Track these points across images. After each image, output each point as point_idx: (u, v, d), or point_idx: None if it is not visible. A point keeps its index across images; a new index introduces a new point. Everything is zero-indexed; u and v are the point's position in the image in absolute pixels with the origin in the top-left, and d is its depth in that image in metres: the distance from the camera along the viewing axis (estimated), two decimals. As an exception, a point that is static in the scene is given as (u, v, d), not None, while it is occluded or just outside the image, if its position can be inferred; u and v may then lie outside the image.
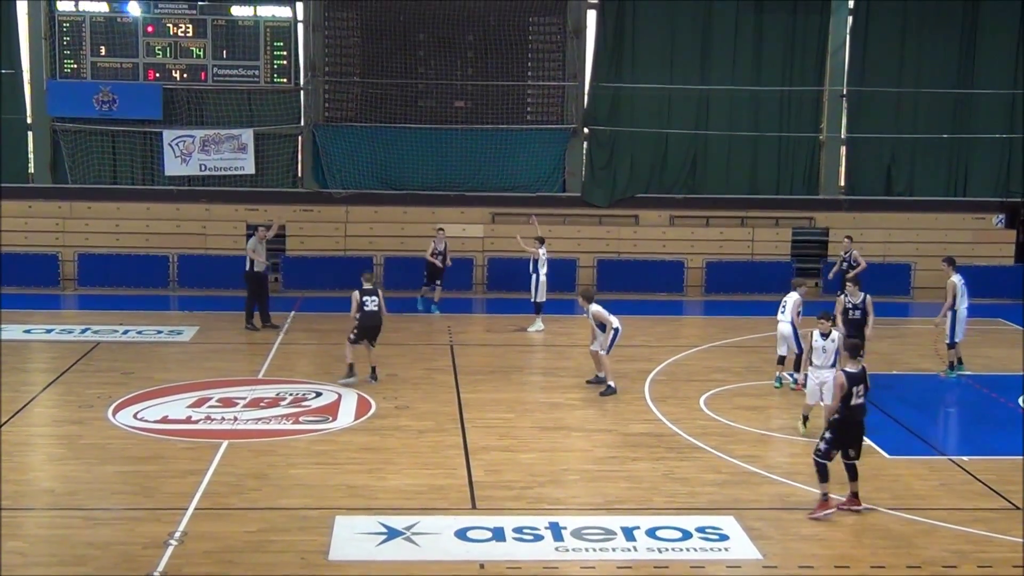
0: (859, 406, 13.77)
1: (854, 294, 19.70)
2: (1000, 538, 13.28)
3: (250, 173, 29.61)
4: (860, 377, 13.77)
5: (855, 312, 19.56)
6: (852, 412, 13.73)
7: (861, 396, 13.75)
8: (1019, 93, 30.41)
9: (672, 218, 30.42)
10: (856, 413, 13.76)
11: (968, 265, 25.31)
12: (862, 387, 13.76)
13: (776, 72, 30.13)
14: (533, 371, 20.97)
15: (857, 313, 19.56)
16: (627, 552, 12.65)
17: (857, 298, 19.64)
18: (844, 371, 13.89)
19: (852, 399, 13.68)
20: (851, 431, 13.79)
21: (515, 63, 29.89)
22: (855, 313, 19.56)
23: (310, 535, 12.88)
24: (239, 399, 18.39)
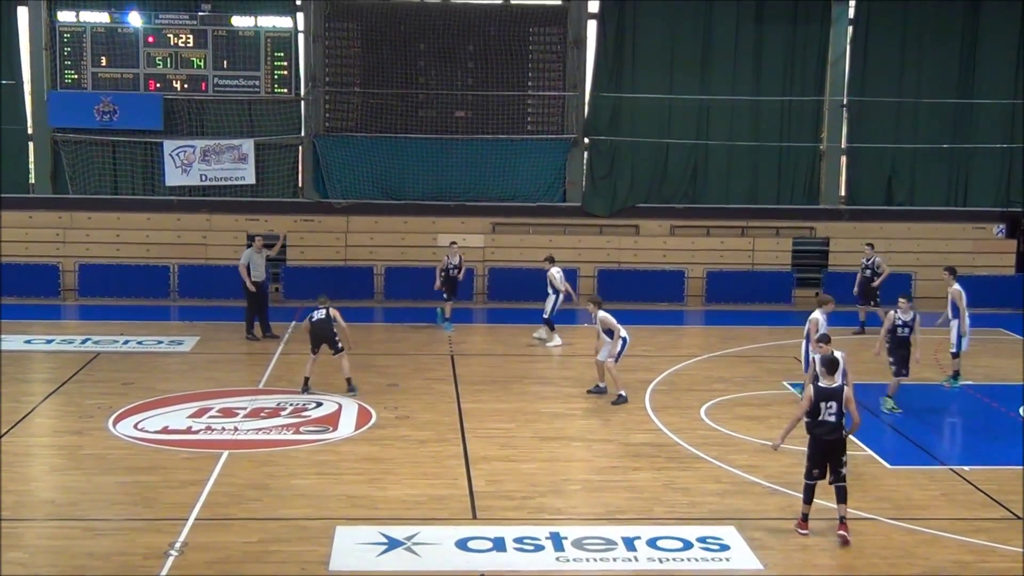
0: (826, 423, 13.24)
1: (905, 310, 18.88)
2: (1002, 548, 13.27)
3: (251, 183, 29.64)
4: (831, 394, 13.27)
5: (904, 330, 18.87)
6: (818, 428, 13.29)
7: (832, 414, 13.24)
8: (1019, 103, 30.44)
9: (673, 228, 30.42)
10: (822, 430, 13.27)
11: (968, 275, 25.30)
12: (834, 404, 13.22)
13: (776, 82, 30.16)
14: (534, 381, 20.95)
15: (906, 331, 18.86)
16: (628, 562, 12.63)
17: (908, 315, 18.85)
18: (815, 385, 13.52)
19: (820, 415, 13.26)
20: (817, 447, 13.35)
21: (515, 73, 29.92)
22: (904, 331, 18.87)
23: (310, 545, 12.86)
24: (239, 409, 18.38)
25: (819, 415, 13.30)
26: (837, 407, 13.27)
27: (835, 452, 13.36)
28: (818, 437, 13.35)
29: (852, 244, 30.23)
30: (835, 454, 13.37)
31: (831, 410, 13.27)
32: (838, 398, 13.28)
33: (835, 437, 13.31)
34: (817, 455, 13.40)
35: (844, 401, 13.30)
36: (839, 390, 13.35)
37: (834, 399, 13.28)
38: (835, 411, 13.27)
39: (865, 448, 17.02)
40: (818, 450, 13.39)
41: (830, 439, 13.31)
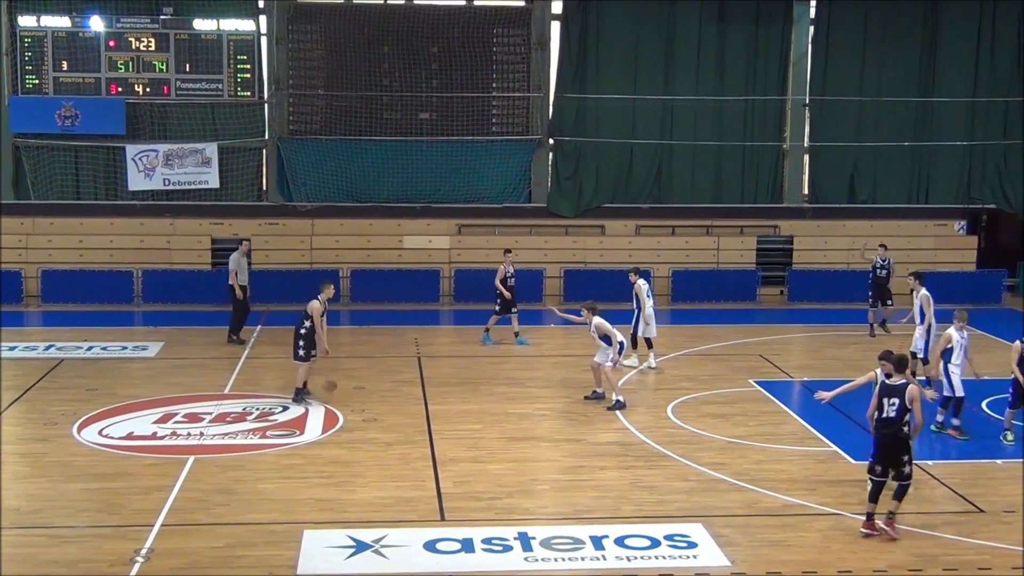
0: (886, 419, 13.42)
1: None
2: (966, 541, 13.39)
3: (214, 187, 29.50)
4: (895, 391, 13.41)
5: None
6: (880, 424, 13.52)
7: (895, 411, 13.36)
8: (979, 101, 30.76)
9: (638, 228, 30.53)
10: (881, 425, 13.48)
11: (931, 271, 25.50)
12: (897, 401, 13.33)
13: (739, 82, 30.33)
14: (501, 382, 20.96)
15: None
16: (596, 561, 12.67)
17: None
18: (881, 381, 13.73)
19: (883, 411, 13.45)
20: (879, 444, 13.56)
21: (480, 75, 29.95)
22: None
23: (278, 549, 12.82)
24: (205, 414, 18.30)
25: (882, 412, 13.49)
26: (900, 404, 13.37)
27: (895, 450, 13.48)
28: (880, 433, 13.55)
29: (815, 242, 30.48)
30: (896, 452, 13.49)
31: (893, 407, 13.40)
32: (901, 395, 13.40)
33: (892, 433, 13.44)
34: (879, 451, 13.58)
35: (908, 400, 13.37)
36: (903, 387, 13.46)
37: (897, 396, 13.41)
38: (897, 408, 13.37)
39: (830, 444, 17.16)
40: (880, 446, 13.57)
41: (888, 434, 13.48)
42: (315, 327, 18.89)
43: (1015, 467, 16.22)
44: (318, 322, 18.94)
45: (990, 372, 21.92)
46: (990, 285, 29.92)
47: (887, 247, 25.76)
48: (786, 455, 16.71)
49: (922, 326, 20.61)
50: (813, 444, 17.23)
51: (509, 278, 23.98)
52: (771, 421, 18.48)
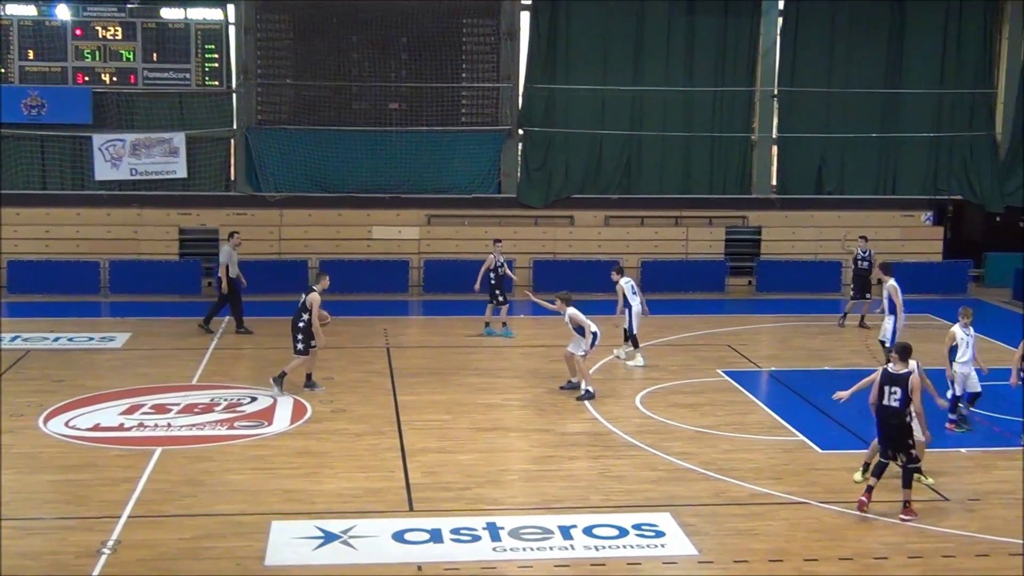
0: (889, 408, 13.66)
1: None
2: (930, 529, 13.51)
3: (182, 177, 29.35)
4: (896, 379, 13.66)
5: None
6: (881, 412, 13.78)
7: (897, 400, 13.60)
8: (946, 93, 30.96)
9: (607, 218, 30.59)
10: (886, 414, 13.72)
11: (897, 262, 25.66)
12: (899, 390, 13.58)
13: (708, 73, 30.41)
14: (470, 372, 20.97)
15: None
16: (564, 551, 12.70)
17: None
18: (883, 369, 13.95)
19: (885, 399, 13.69)
20: (881, 430, 13.85)
21: (449, 65, 29.89)
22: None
23: (246, 541, 12.79)
24: (172, 405, 18.22)
25: (883, 399, 13.72)
26: (902, 393, 13.59)
27: (901, 437, 13.72)
28: (883, 420, 13.79)
29: (784, 233, 30.62)
30: (902, 439, 13.73)
31: (895, 395, 13.62)
32: (903, 384, 13.61)
33: (898, 422, 13.67)
34: (884, 440, 13.85)
35: (910, 389, 13.60)
36: (905, 376, 13.66)
37: (899, 384, 13.63)
38: (900, 397, 13.60)
39: (797, 433, 17.27)
40: (885, 435, 13.82)
41: (893, 423, 13.69)
42: (312, 320, 18.74)
43: (979, 456, 16.39)
44: (316, 314, 18.76)
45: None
46: (956, 276, 30.16)
47: (868, 239, 25.83)
48: (753, 444, 16.80)
49: (891, 316, 20.78)
50: (780, 434, 17.33)
51: (499, 267, 23.87)
52: (739, 411, 18.58)
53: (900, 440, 13.73)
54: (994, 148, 31.45)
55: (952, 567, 12.50)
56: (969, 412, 17.70)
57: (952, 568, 12.48)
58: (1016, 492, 14.95)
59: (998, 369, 18.44)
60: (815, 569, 12.37)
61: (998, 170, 31.32)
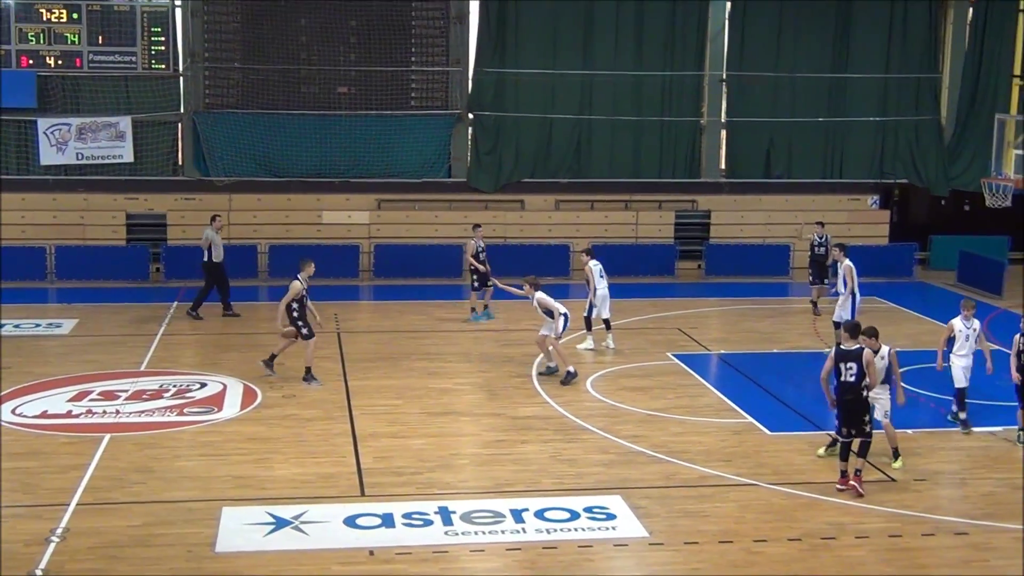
0: (845, 384, 13.93)
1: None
2: (877, 509, 13.70)
3: (129, 161, 29.02)
4: (850, 356, 13.91)
5: None
6: (840, 389, 14.03)
7: (852, 375, 13.87)
8: (891, 78, 31.25)
9: (557, 202, 30.63)
10: (842, 390, 13.99)
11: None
12: (854, 366, 13.84)
13: (657, 57, 30.49)
14: (421, 357, 20.95)
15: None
16: (516, 534, 12.76)
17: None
18: (836, 346, 14.25)
19: (841, 375, 13.95)
20: (841, 407, 14.08)
21: (398, 48, 29.77)
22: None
23: (196, 527, 12.74)
24: (121, 392, 18.07)
25: (840, 376, 13.97)
26: (857, 368, 13.84)
27: (858, 412, 13.99)
28: (842, 398, 14.02)
29: (732, 216, 30.81)
30: (858, 414, 14.00)
31: (851, 371, 13.89)
32: (857, 359, 13.87)
33: (853, 397, 13.96)
34: (843, 415, 14.08)
35: (864, 363, 13.85)
36: (859, 352, 13.91)
37: (853, 360, 13.88)
38: (855, 372, 13.85)
39: (747, 416, 17.41)
40: (843, 411, 14.10)
41: (849, 399, 13.96)
42: (303, 306, 18.65)
43: (925, 436, 16.60)
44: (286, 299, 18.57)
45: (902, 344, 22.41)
46: (902, 259, 30.50)
47: (824, 224, 25.93)
48: (703, 427, 16.93)
49: (847, 296, 20.99)
50: (730, 416, 17.47)
51: (480, 252, 23.78)
52: (689, 394, 18.72)
53: (856, 416, 13.99)
54: (939, 132, 31.81)
55: (899, 546, 12.69)
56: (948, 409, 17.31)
57: (899, 547, 12.67)
58: (961, 472, 15.19)
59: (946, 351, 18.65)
60: (764, 549, 12.51)
61: (943, 154, 31.68)
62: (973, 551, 12.65)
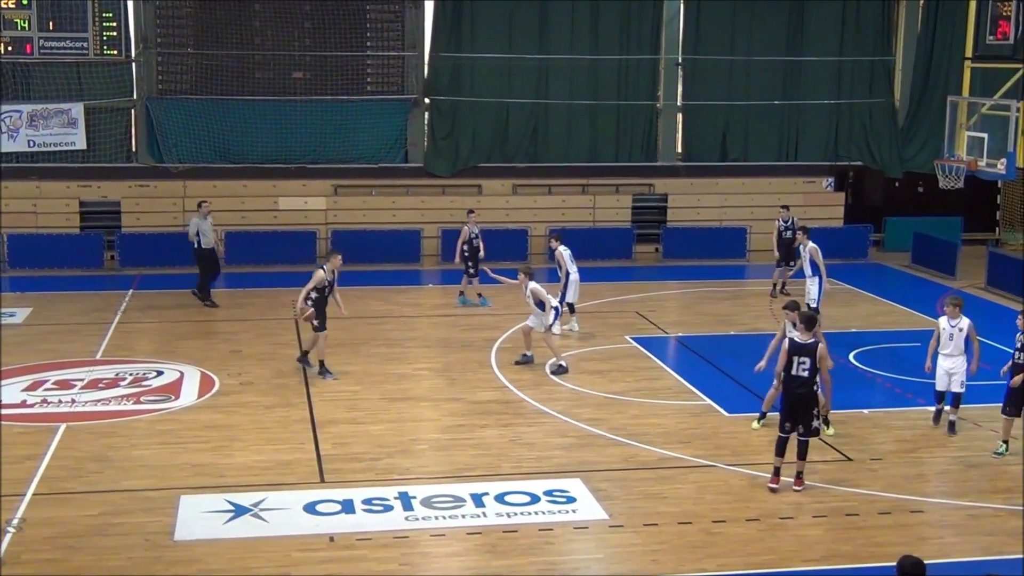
0: (798, 378, 13.46)
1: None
2: (834, 489, 13.83)
3: (82, 148, 28.69)
4: (804, 349, 13.47)
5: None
6: (791, 382, 13.54)
7: (805, 370, 13.42)
8: (845, 60, 31.43)
9: (515, 187, 30.61)
10: (794, 384, 13.50)
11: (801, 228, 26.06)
12: (807, 360, 13.41)
13: (613, 41, 30.49)
14: (380, 343, 20.90)
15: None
16: (476, 518, 12.78)
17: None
18: (789, 339, 13.84)
19: (793, 369, 13.47)
20: (790, 402, 13.60)
21: (354, 33, 29.59)
22: None
23: (154, 516, 12.68)
24: (76, 381, 17.92)
25: (792, 369, 13.51)
26: (811, 362, 13.44)
27: (805, 407, 13.58)
28: (790, 391, 13.59)
29: (689, 200, 30.90)
30: (807, 409, 13.59)
31: (804, 365, 13.45)
32: (811, 354, 13.47)
33: (805, 391, 13.54)
34: (790, 410, 13.62)
35: (817, 358, 13.48)
36: (813, 346, 13.52)
37: (807, 355, 13.47)
38: (808, 366, 13.44)
39: (704, 397, 17.52)
40: (792, 404, 13.60)
41: (801, 393, 13.53)
42: (323, 297, 18.30)
43: (880, 416, 16.78)
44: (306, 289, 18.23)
45: (857, 325, 22.66)
46: (857, 240, 30.73)
47: (789, 207, 26.03)
48: (662, 409, 17.02)
49: (814, 277, 21.15)
50: (688, 398, 17.57)
51: (474, 239, 23.71)
52: (647, 376, 18.80)
53: (805, 410, 13.60)
54: (893, 115, 32.03)
55: (855, 524, 12.83)
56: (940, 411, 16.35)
57: (855, 525, 12.80)
58: (917, 450, 15.36)
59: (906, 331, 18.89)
60: (723, 530, 12.60)
61: (897, 136, 31.92)
62: (928, 528, 12.82)
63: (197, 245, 23.55)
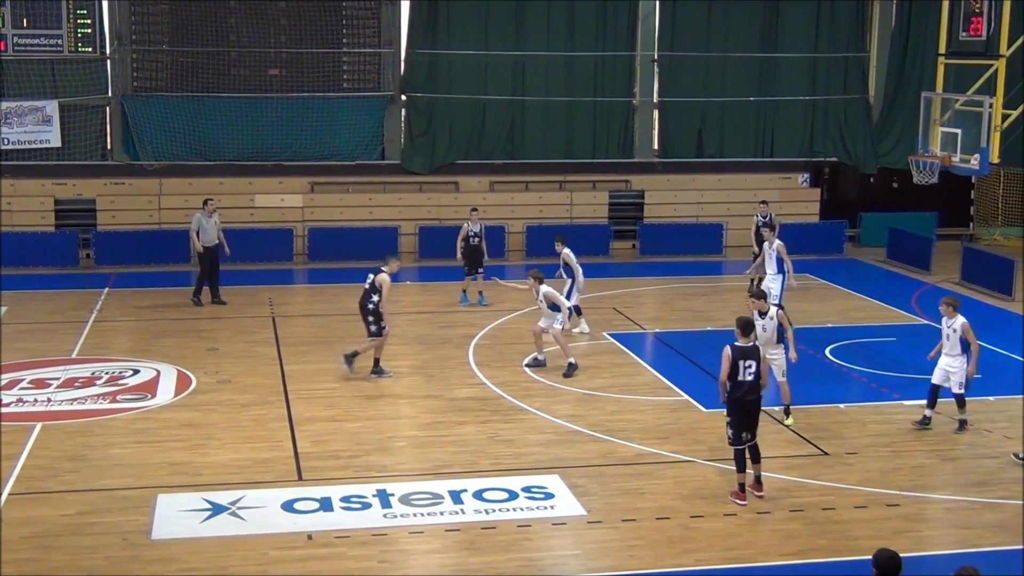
0: (745, 383, 13.07)
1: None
2: (810, 483, 13.91)
3: (56, 146, 28.52)
4: (749, 353, 13.13)
5: None
6: (738, 389, 13.13)
7: (751, 374, 13.07)
8: (820, 57, 31.54)
9: (492, 184, 30.60)
10: (741, 391, 13.10)
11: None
12: (753, 364, 13.05)
13: (589, 38, 30.50)
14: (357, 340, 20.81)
15: None
16: (455, 515, 12.80)
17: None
18: (732, 345, 13.24)
19: (740, 374, 13.08)
20: (740, 410, 13.18)
21: (329, 30, 29.50)
22: None
23: (131, 515, 12.64)
24: (52, 380, 17.83)
25: (738, 375, 13.11)
26: (756, 366, 13.13)
27: (754, 412, 13.35)
28: (739, 399, 13.16)
29: (666, 196, 30.97)
30: (754, 415, 13.35)
31: (750, 369, 13.10)
32: (756, 357, 13.18)
33: (754, 397, 13.25)
34: (744, 419, 13.24)
35: (760, 360, 13.21)
36: (756, 349, 13.28)
37: (752, 358, 13.15)
38: (754, 370, 13.13)
39: (682, 393, 17.57)
40: (741, 412, 13.22)
41: (751, 399, 13.22)
42: (382, 301, 18.15)
43: (856, 411, 16.87)
44: (386, 295, 18.19)
45: (833, 320, 22.76)
46: (832, 236, 30.86)
47: (767, 203, 26.07)
48: (640, 405, 17.06)
49: (777, 275, 21.16)
50: (666, 394, 17.62)
51: (472, 237, 23.54)
52: (625, 373, 18.84)
53: (755, 416, 13.34)
54: (867, 111, 32.17)
55: (832, 519, 12.90)
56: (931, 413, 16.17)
57: (832, 520, 12.88)
58: (892, 444, 15.45)
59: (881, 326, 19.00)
60: (701, 525, 12.65)
61: (871, 132, 32.06)
62: (904, 522, 12.89)
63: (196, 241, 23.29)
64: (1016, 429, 15.89)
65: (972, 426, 15.85)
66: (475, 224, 23.79)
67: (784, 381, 15.89)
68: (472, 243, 23.56)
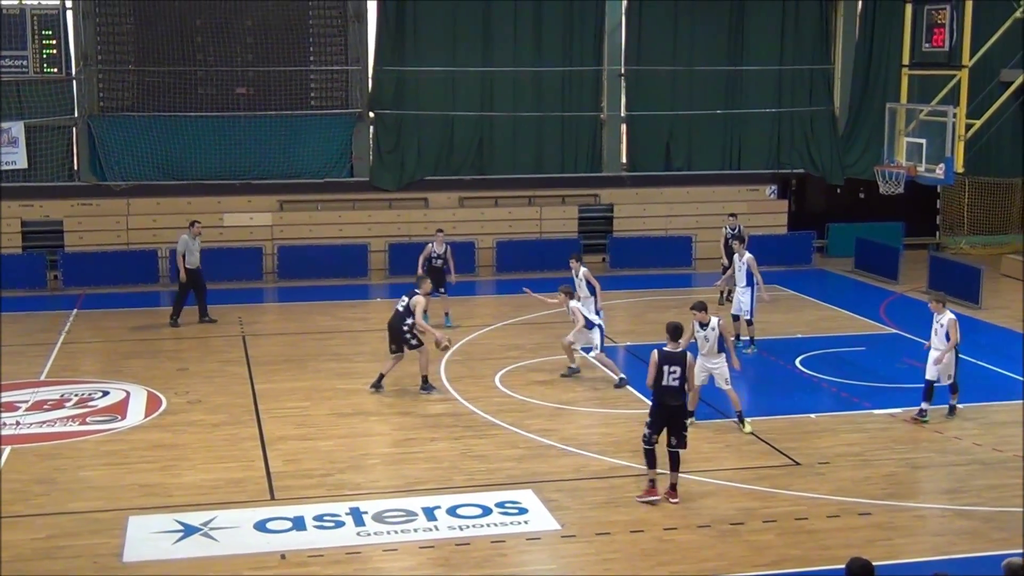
0: (669, 388, 13.31)
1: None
2: (783, 493, 13.96)
3: (23, 168, 28.34)
4: (675, 359, 13.35)
5: None
6: (661, 393, 13.40)
7: (676, 379, 13.29)
8: (785, 70, 31.77)
9: (461, 199, 30.63)
10: (665, 395, 13.36)
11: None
12: (678, 369, 13.26)
13: (556, 53, 30.62)
14: (328, 358, 20.81)
15: None
16: (429, 532, 12.77)
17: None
18: (659, 349, 13.59)
19: (664, 379, 13.32)
20: (661, 413, 13.45)
21: (296, 48, 29.50)
22: None
23: (102, 538, 12.55)
24: (20, 403, 17.69)
25: (663, 379, 13.34)
26: (681, 372, 13.32)
27: (677, 417, 13.52)
28: (662, 402, 13.43)
29: (635, 210, 31.08)
30: (680, 420, 13.55)
31: (675, 375, 13.30)
32: (681, 363, 13.36)
33: (678, 403, 13.45)
34: (659, 420, 13.49)
35: (687, 366, 13.42)
36: (683, 355, 13.44)
37: (678, 364, 13.34)
38: (679, 376, 13.30)
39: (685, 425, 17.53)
40: (661, 415, 13.47)
41: (674, 404, 13.42)
42: (417, 322, 18.13)
43: (827, 420, 16.95)
44: (420, 316, 18.20)
45: (802, 331, 22.88)
46: (800, 247, 31.03)
47: (736, 215, 26.18)
48: (612, 419, 17.09)
49: (746, 288, 21.20)
50: (638, 407, 17.59)
51: (435, 258, 23.37)
52: (597, 386, 18.86)
53: (679, 421, 13.54)
54: (833, 122, 32.41)
55: (805, 528, 12.95)
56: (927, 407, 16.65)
57: (805, 529, 12.93)
58: (864, 453, 15.53)
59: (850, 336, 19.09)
60: (674, 537, 12.68)
61: (837, 143, 32.29)
62: (876, 531, 12.95)
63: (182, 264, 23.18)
64: (985, 436, 16.04)
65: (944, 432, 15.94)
66: (440, 246, 23.59)
67: (730, 389, 16.12)
68: (435, 264, 23.40)
